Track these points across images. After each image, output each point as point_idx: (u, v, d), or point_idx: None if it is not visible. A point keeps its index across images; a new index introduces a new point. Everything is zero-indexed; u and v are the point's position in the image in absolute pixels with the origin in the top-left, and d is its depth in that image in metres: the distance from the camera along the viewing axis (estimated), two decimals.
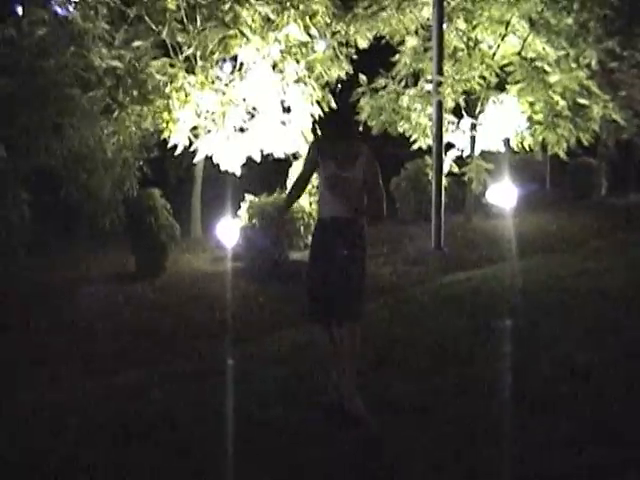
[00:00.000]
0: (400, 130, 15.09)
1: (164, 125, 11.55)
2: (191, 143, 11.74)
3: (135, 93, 10.95)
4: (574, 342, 7.47)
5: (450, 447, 5.14)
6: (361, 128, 14.76)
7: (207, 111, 11.56)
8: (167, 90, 11.24)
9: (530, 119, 14.83)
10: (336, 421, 5.60)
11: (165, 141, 11.76)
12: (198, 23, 11.41)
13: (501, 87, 14.80)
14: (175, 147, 11.68)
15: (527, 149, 15.54)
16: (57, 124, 10.01)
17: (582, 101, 14.49)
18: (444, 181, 13.56)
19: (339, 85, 13.17)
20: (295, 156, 12.63)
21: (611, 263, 11.72)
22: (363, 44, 14.80)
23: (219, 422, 5.67)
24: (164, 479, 4.89)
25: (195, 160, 12.37)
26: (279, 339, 7.90)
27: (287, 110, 12.10)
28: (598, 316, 8.52)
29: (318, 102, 12.28)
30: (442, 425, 5.51)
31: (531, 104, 14.56)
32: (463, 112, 15.09)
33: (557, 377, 6.47)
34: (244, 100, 11.71)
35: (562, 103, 14.30)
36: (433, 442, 5.22)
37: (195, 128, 11.70)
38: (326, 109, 12.03)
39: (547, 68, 14.12)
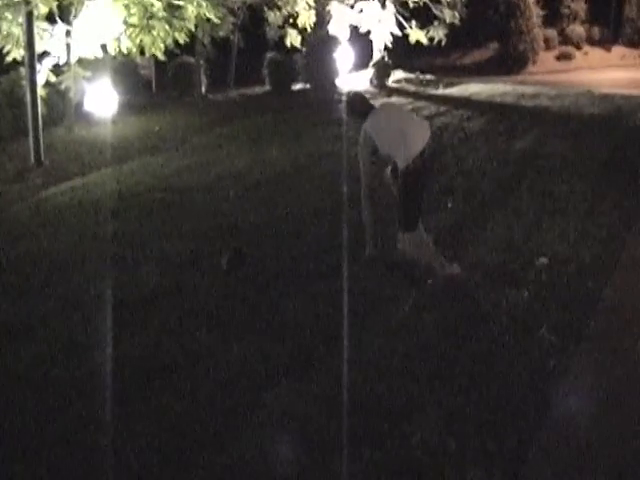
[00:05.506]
0: None
1: None
2: None
3: None
4: (170, 239, 8.15)
5: None
6: None
7: None
8: None
9: (126, 22, 14.88)
10: None
11: None
12: None
13: None
14: None
15: (125, 53, 15.62)
16: None
17: (176, 2, 14.91)
18: (42, 92, 13.38)
19: None
20: None
21: (209, 157, 12.60)
22: None
23: None
24: None
25: None
26: None
27: None
28: (198, 210, 9.34)
29: None
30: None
31: (126, 7, 14.59)
32: (57, 19, 14.81)
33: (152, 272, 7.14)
34: None
35: (157, 4, 14.56)
36: None
37: None
38: None
39: None
